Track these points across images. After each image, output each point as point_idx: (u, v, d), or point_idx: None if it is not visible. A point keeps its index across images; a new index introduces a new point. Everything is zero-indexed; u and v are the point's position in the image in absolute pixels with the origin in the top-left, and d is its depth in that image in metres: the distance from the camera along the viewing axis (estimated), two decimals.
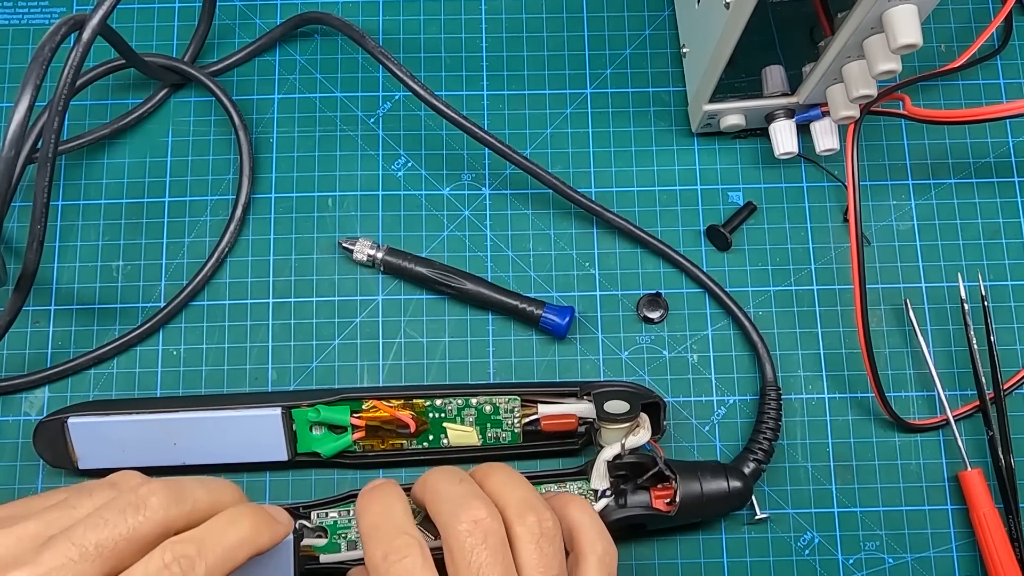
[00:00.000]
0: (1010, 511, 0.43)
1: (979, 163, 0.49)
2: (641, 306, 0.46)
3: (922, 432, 0.45)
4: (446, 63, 0.50)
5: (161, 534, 0.29)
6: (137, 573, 0.28)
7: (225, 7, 0.51)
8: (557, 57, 0.50)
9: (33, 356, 0.46)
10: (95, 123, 0.48)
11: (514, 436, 0.43)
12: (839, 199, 0.48)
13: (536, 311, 0.45)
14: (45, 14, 0.51)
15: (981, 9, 0.51)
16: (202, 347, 0.46)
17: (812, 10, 0.39)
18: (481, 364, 0.46)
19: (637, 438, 0.41)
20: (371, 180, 0.48)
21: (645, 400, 0.41)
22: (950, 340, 0.46)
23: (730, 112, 0.46)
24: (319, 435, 0.42)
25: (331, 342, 0.46)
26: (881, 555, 0.44)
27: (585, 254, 0.47)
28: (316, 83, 0.50)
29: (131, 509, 0.29)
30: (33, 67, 0.37)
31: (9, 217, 0.47)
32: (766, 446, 0.43)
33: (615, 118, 0.49)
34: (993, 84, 0.50)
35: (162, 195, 0.48)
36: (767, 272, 0.47)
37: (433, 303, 0.47)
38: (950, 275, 0.47)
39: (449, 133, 0.49)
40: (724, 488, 0.41)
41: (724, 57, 0.41)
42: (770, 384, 0.44)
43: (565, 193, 0.46)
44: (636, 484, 0.41)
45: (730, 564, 0.44)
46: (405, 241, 0.47)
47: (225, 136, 0.49)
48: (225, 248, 0.47)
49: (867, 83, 0.41)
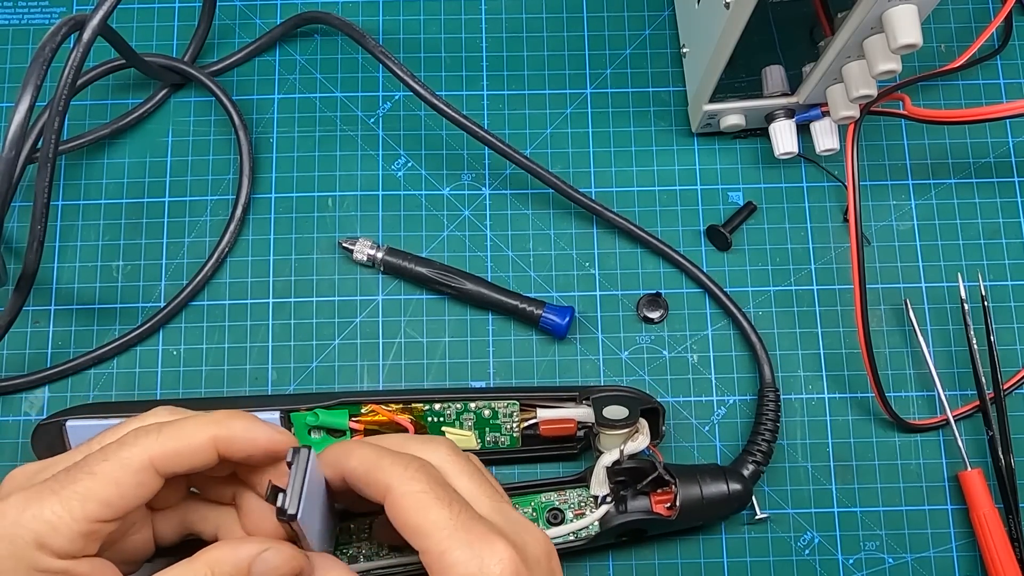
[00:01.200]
0: (1010, 511, 0.43)
1: (979, 163, 0.49)
2: (641, 306, 0.46)
3: (922, 432, 0.45)
4: (446, 63, 0.50)
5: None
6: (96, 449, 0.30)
7: (225, 7, 0.51)
8: (557, 57, 0.50)
9: (33, 356, 0.46)
10: (95, 123, 0.48)
11: (513, 440, 0.43)
12: (839, 199, 0.48)
13: (536, 311, 0.45)
14: (45, 14, 0.51)
15: (981, 9, 0.51)
16: (202, 347, 0.46)
17: (812, 10, 0.39)
18: (481, 364, 0.46)
19: (636, 444, 0.41)
20: (371, 180, 0.48)
21: (644, 406, 0.41)
22: (950, 340, 0.46)
23: (730, 112, 0.46)
24: (318, 439, 0.42)
25: (331, 342, 0.46)
26: (881, 555, 0.44)
27: (585, 254, 0.47)
28: (316, 83, 0.50)
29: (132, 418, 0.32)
30: (33, 67, 0.37)
31: (9, 217, 0.47)
32: (765, 448, 0.43)
33: (615, 118, 0.49)
34: (993, 84, 0.50)
35: (162, 195, 0.48)
36: (767, 272, 0.47)
37: (433, 303, 0.47)
38: (950, 275, 0.47)
39: (449, 133, 0.49)
40: (724, 491, 0.41)
41: (724, 57, 0.41)
42: (768, 385, 0.44)
43: (565, 193, 0.46)
44: (636, 489, 0.41)
45: (730, 564, 0.44)
46: (405, 241, 0.47)
47: (225, 136, 0.49)
48: (225, 248, 0.47)
49: (867, 83, 0.41)
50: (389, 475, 0.31)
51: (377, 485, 0.31)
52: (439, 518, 0.30)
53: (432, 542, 0.29)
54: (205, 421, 0.31)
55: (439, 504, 0.30)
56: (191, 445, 0.30)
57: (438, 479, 0.31)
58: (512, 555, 0.29)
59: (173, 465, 0.30)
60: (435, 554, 0.29)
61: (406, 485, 0.30)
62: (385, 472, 0.31)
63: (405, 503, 0.30)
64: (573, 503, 0.42)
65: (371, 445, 0.32)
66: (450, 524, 0.29)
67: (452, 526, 0.29)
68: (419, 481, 0.30)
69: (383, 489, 0.31)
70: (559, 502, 0.42)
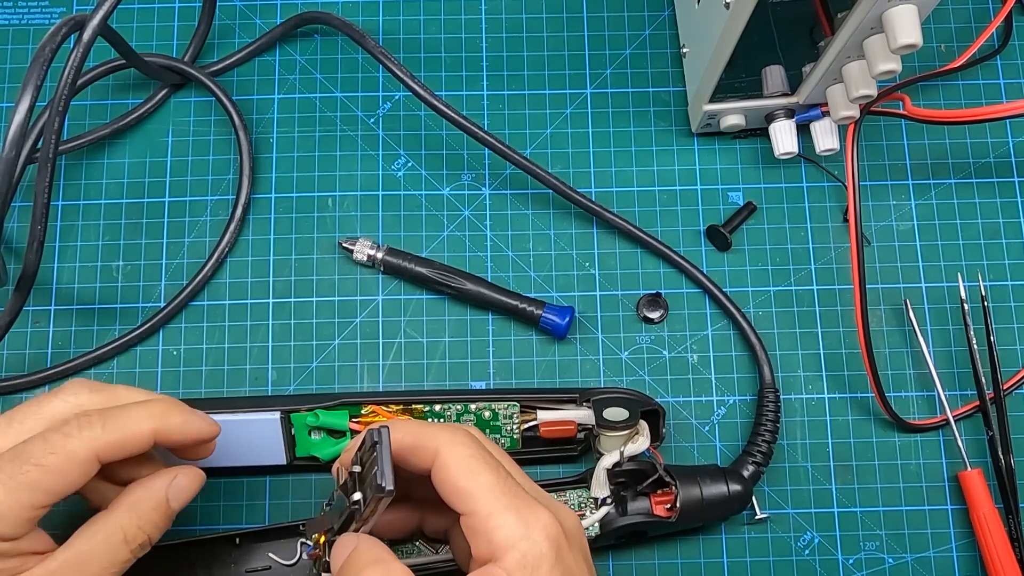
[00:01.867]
0: (1010, 511, 0.43)
1: (979, 163, 0.49)
2: (641, 306, 0.46)
3: (922, 432, 0.45)
4: (446, 63, 0.50)
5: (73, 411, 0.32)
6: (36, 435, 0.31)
7: (225, 7, 0.51)
8: (557, 57, 0.50)
9: (33, 356, 0.46)
10: (95, 123, 0.48)
11: (513, 442, 0.43)
12: (839, 199, 0.48)
13: (536, 311, 0.45)
14: (45, 14, 0.51)
15: (981, 9, 0.51)
16: (202, 347, 0.46)
17: (812, 10, 0.39)
18: (481, 364, 0.46)
19: (636, 445, 0.41)
20: (371, 180, 0.48)
21: (644, 407, 0.41)
22: (950, 340, 0.46)
23: (730, 112, 0.46)
24: (318, 439, 0.42)
25: (331, 342, 0.46)
26: (881, 555, 0.44)
27: (585, 254, 0.47)
28: (316, 83, 0.50)
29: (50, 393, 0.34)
30: (34, 67, 0.37)
31: (9, 217, 0.47)
32: (765, 448, 0.43)
33: (615, 118, 0.49)
34: (993, 84, 0.50)
35: (162, 195, 0.48)
36: (767, 272, 0.47)
37: (433, 303, 0.47)
38: (950, 275, 0.47)
39: (449, 133, 0.49)
40: (724, 492, 0.41)
41: (724, 57, 0.41)
42: (768, 386, 0.44)
43: (565, 193, 0.46)
44: (636, 491, 0.41)
45: (730, 564, 0.44)
46: (405, 241, 0.47)
47: (225, 136, 0.49)
48: (225, 248, 0.47)
49: (867, 83, 0.41)
50: (439, 439, 0.32)
51: (427, 450, 0.32)
52: (487, 481, 0.31)
53: (480, 503, 0.30)
54: (147, 414, 0.33)
55: (488, 469, 0.31)
56: (134, 437, 0.32)
57: (484, 447, 0.32)
58: (555, 522, 0.30)
59: (114, 455, 0.32)
60: (482, 516, 0.30)
61: (456, 449, 0.31)
62: (435, 437, 0.32)
63: (455, 464, 0.31)
64: (573, 505, 0.42)
65: (413, 420, 0.35)
66: (497, 488, 0.30)
67: (500, 490, 0.30)
68: (468, 446, 0.31)
69: (432, 453, 0.32)
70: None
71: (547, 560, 0.30)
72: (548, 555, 0.30)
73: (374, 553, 0.31)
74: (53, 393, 0.34)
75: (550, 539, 0.30)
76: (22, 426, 0.32)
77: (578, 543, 0.32)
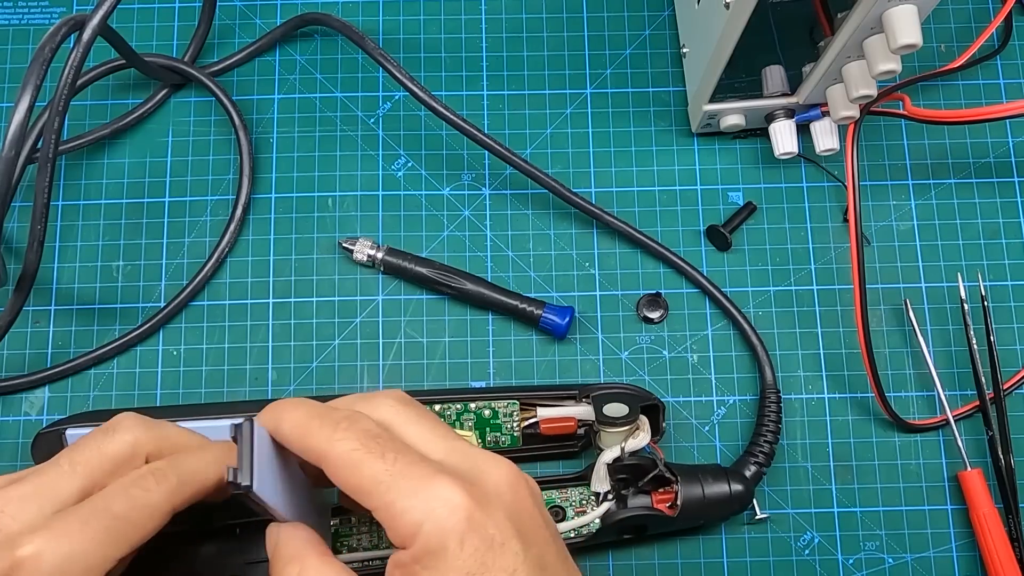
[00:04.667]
0: (1010, 511, 0.43)
1: (979, 163, 0.49)
2: (641, 306, 0.46)
3: (922, 432, 0.45)
4: (446, 63, 0.50)
5: (131, 454, 0.31)
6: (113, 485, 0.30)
7: (225, 7, 0.51)
8: (557, 57, 0.50)
9: (33, 356, 0.46)
10: (95, 123, 0.48)
11: (513, 440, 0.43)
12: (839, 199, 0.48)
13: (536, 311, 0.45)
14: (45, 14, 0.51)
15: (981, 9, 0.51)
16: (202, 347, 0.46)
17: (812, 10, 0.39)
18: (481, 364, 0.46)
19: (637, 441, 0.41)
20: (371, 180, 0.48)
21: (644, 402, 0.41)
22: (950, 340, 0.46)
23: (730, 112, 0.46)
24: None
25: (331, 342, 0.46)
26: (881, 555, 0.44)
27: (585, 254, 0.47)
28: (316, 83, 0.50)
29: (103, 432, 0.31)
30: (33, 67, 0.37)
31: (9, 217, 0.47)
32: (767, 449, 0.43)
33: (615, 118, 0.49)
34: (993, 84, 0.50)
35: (162, 195, 0.48)
36: (767, 272, 0.47)
37: (433, 303, 0.47)
38: (950, 275, 0.47)
39: (449, 133, 0.49)
40: (726, 491, 0.41)
41: (724, 57, 0.41)
42: (770, 387, 0.44)
43: (563, 195, 0.46)
44: (637, 487, 0.41)
45: (730, 564, 0.44)
46: (405, 241, 0.47)
47: (225, 136, 0.49)
48: (225, 248, 0.47)
49: (867, 83, 0.41)
50: (319, 440, 0.29)
51: (311, 454, 0.30)
52: (374, 471, 0.28)
53: (374, 498, 0.28)
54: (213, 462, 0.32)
55: (371, 457, 0.28)
56: (203, 488, 0.31)
57: (370, 431, 0.29)
58: (458, 492, 0.28)
59: (185, 504, 0.31)
60: (381, 509, 0.28)
61: (336, 447, 0.29)
62: (315, 438, 0.29)
63: (339, 465, 0.29)
64: (574, 501, 0.42)
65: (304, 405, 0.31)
66: (387, 475, 0.28)
67: (390, 476, 0.28)
68: (347, 440, 0.29)
69: (317, 458, 0.29)
70: (560, 500, 0.42)
71: (453, 536, 0.27)
72: (454, 530, 0.27)
73: (292, 548, 0.30)
74: (107, 431, 0.32)
75: (454, 512, 0.27)
76: (87, 468, 0.30)
77: (503, 502, 0.29)
